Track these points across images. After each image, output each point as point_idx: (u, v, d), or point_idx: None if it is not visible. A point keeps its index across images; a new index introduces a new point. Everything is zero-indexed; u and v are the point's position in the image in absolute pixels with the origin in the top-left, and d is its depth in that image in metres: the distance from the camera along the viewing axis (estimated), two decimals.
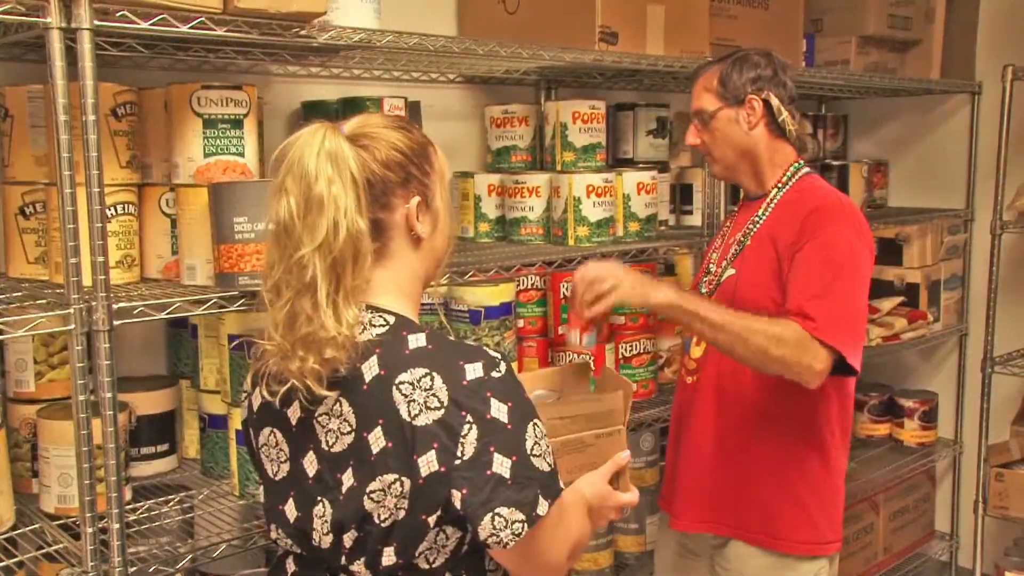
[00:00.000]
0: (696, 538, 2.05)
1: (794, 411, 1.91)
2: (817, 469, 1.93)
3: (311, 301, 1.19)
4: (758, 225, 1.97)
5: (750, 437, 1.93)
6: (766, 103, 1.94)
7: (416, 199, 1.28)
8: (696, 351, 2.03)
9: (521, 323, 2.40)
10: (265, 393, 1.27)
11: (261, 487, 1.37)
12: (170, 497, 1.88)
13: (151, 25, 1.51)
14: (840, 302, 1.78)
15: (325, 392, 1.21)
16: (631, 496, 1.45)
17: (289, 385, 1.22)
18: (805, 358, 1.72)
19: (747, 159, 1.98)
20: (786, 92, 1.97)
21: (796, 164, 2.00)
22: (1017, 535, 3.32)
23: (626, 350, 2.47)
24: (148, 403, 1.96)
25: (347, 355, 1.20)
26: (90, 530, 1.51)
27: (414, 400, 1.18)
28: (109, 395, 1.50)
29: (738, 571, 1.96)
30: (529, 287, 2.43)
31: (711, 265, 2.06)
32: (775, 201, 1.96)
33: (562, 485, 1.26)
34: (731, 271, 1.97)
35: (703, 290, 2.04)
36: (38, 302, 1.58)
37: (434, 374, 1.19)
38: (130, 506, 1.81)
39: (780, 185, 1.97)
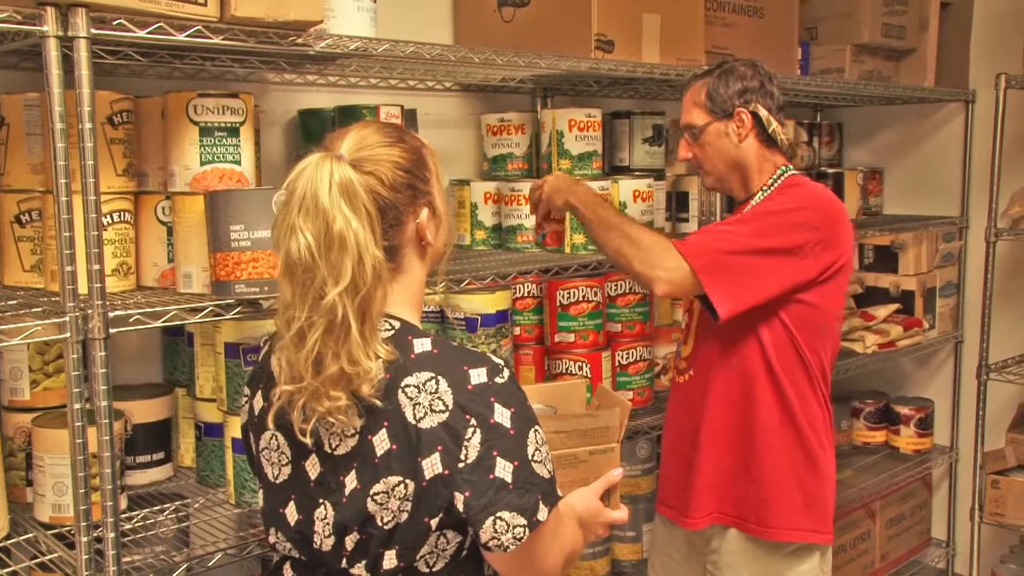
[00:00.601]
0: (695, 537, 2.06)
1: (779, 402, 1.94)
2: (802, 459, 1.96)
3: (340, 340, 1.18)
4: None
5: (741, 428, 1.97)
6: (755, 115, 1.96)
7: (425, 211, 1.29)
8: (685, 350, 2.08)
9: (517, 331, 2.40)
10: (298, 435, 1.24)
11: (260, 491, 1.37)
12: (166, 506, 1.88)
13: (148, 34, 1.51)
14: (722, 240, 1.85)
15: (358, 423, 1.21)
16: (620, 514, 1.50)
17: (316, 419, 1.22)
18: (652, 258, 1.82)
19: (738, 170, 2.01)
20: (774, 102, 2.00)
21: (782, 168, 2.02)
22: (1013, 542, 3.32)
23: (623, 358, 2.47)
24: (144, 411, 1.95)
25: (378, 389, 1.20)
26: (85, 539, 1.50)
27: (419, 403, 1.19)
28: (104, 403, 1.49)
29: (728, 564, 1.97)
30: (525, 295, 2.43)
31: None
32: (757, 201, 2.00)
33: (560, 493, 1.27)
34: None
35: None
36: (33, 310, 1.57)
37: (439, 378, 1.20)
38: (125, 515, 1.81)
39: (765, 188, 2.01)
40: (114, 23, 1.47)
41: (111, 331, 1.49)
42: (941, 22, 3.23)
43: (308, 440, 1.24)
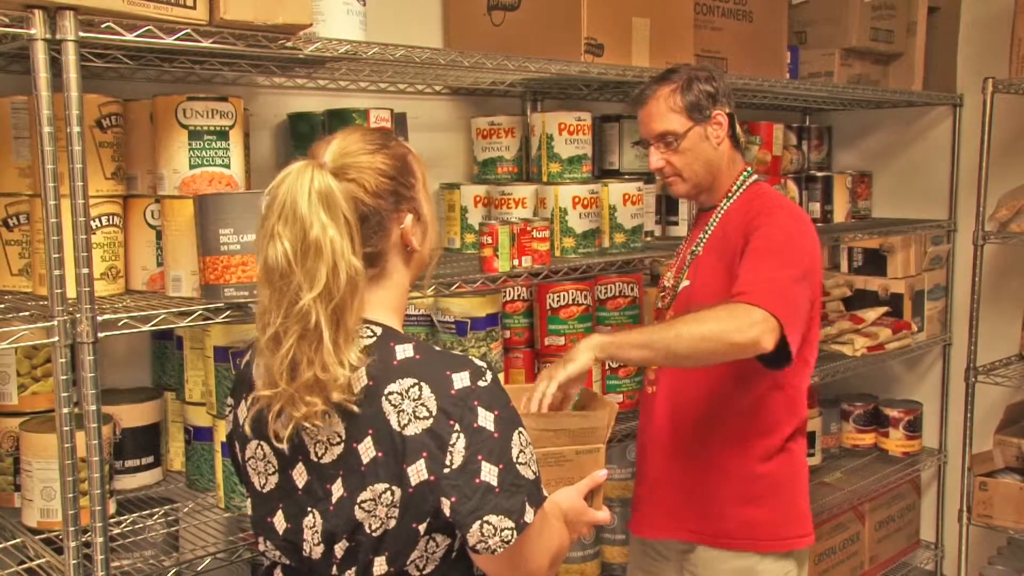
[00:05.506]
0: (662, 542, 2.08)
1: (742, 413, 1.94)
2: (772, 467, 1.96)
3: (314, 347, 1.19)
4: (708, 235, 2.01)
5: (703, 443, 1.97)
6: (730, 117, 1.97)
7: (409, 216, 1.30)
8: None
9: (507, 334, 2.40)
10: (273, 442, 1.26)
11: (248, 500, 1.37)
12: (155, 510, 1.87)
13: (136, 37, 1.50)
14: (772, 277, 1.77)
15: (340, 428, 1.22)
16: (604, 514, 1.50)
17: (294, 425, 1.22)
18: (741, 322, 1.67)
19: (712, 174, 2.01)
20: (734, 102, 2.02)
21: (745, 172, 2.04)
22: (1001, 544, 3.33)
23: (613, 361, 2.47)
24: (133, 415, 1.95)
25: (351, 394, 1.20)
26: (73, 544, 1.49)
27: (403, 410, 1.19)
28: (93, 408, 1.48)
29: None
30: (515, 298, 2.43)
31: (666, 280, 2.09)
32: (723, 210, 2.01)
33: (545, 493, 1.27)
34: (685, 282, 2.02)
35: (658, 304, 2.08)
36: (21, 314, 1.57)
37: (422, 384, 1.20)
38: (114, 519, 1.80)
39: (729, 194, 2.02)
40: (102, 26, 1.47)
41: (100, 335, 1.49)
42: (929, 26, 3.24)
43: (285, 446, 1.24)
